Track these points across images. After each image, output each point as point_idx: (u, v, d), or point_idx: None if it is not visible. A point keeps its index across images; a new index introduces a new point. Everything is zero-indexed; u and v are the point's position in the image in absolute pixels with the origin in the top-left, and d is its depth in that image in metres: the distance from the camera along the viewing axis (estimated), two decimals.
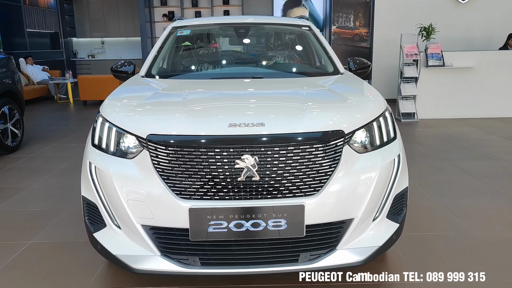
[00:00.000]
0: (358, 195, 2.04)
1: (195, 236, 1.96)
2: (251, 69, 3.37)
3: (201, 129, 2.01)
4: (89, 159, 2.16)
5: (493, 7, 8.58)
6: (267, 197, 1.97)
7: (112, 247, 2.11)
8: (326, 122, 2.06)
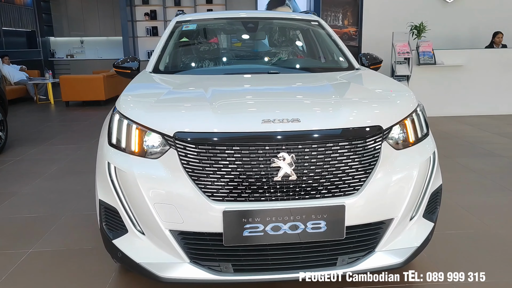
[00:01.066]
0: (398, 194, 1.94)
1: (230, 241, 1.82)
2: (264, 64, 3.24)
3: (232, 126, 1.87)
4: (108, 159, 1.99)
5: (478, 7, 8.68)
6: (305, 198, 1.85)
7: (135, 254, 1.95)
8: (364, 117, 1.96)
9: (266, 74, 2.80)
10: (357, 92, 2.37)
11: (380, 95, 2.23)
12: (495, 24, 8.56)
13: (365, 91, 2.36)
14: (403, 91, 2.30)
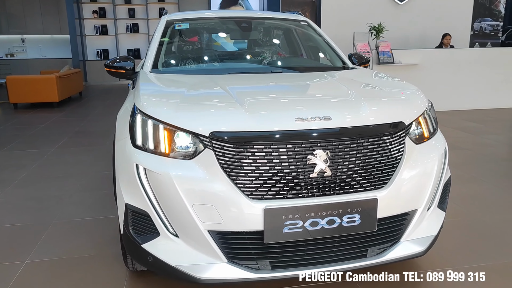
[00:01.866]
0: (421, 186, 2.06)
1: (270, 238, 1.84)
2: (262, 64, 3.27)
3: (267, 125, 1.88)
4: (136, 162, 1.92)
5: (427, 9, 9.22)
6: (339, 193, 1.90)
7: (169, 257, 1.90)
8: (388, 113, 2.05)
9: (270, 73, 2.83)
10: (374, 90, 2.45)
11: (395, 92, 2.34)
12: (443, 26, 9.15)
13: (380, 89, 2.45)
14: (413, 89, 2.42)
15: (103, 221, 3.24)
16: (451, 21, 9.26)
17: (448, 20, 9.24)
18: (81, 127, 6.86)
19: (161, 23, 3.24)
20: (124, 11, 13.93)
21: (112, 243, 2.86)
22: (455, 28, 9.20)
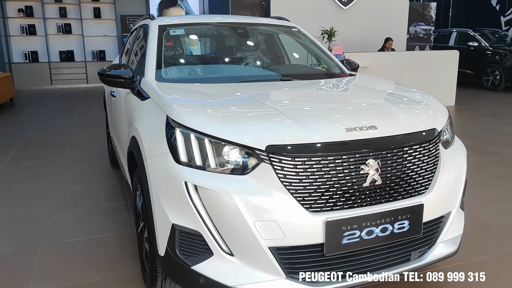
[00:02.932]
0: (455, 188, 2.16)
1: (331, 251, 1.82)
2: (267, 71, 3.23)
3: (319, 136, 1.86)
4: (185, 179, 1.81)
5: (368, 14, 9.68)
6: (389, 200, 1.94)
7: (225, 278, 1.81)
8: (422, 121, 2.12)
9: (280, 81, 2.80)
10: (398, 98, 2.50)
11: (419, 101, 2.42)
12: (382, 30, 9.66)
13: (402, 97, 2.50)
14: (431, 97, 2.49)
15: (97, 241, 3.02)
16: (390, 25, 9.80)
17: (387, 24, 9.77)
18: (27, 138, 6.31)
19: (152, 29, 3.06)
20: (54, 10, 13.02)
21: (118, 265, 2.68)
22: (393, 32, 9.75)
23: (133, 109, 2.59)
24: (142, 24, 3.61)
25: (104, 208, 3.63)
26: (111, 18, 13.68)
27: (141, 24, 3.69)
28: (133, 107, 2.61)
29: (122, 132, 3.02)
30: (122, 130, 3.06)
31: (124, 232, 3.15)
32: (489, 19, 14.73)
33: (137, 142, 2.25)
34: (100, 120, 7.80)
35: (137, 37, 3.61)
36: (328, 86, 2.76)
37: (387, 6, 9.75)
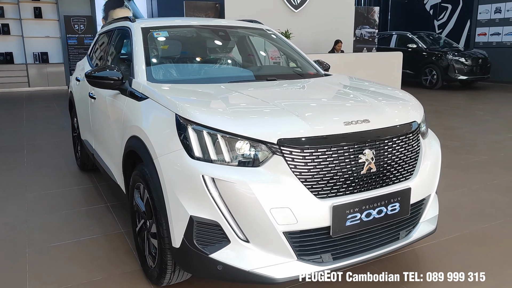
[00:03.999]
0: (433, 173, 2.43)
1: (336, 232, 2.01)
2: (251, 72, 3.37)
3: (321, 129, 2.05)
4: (202, 173, 1.93)
5: (318, 17, 10.12)
6: (382, 186, 2.17)
7: (242, 263, 1.95)
8: (405, 115, 2.37)
9: (266, 81, 2.97)
10: (380, 95, 2.69)
11: (398, 97, 2.66)
12: (331, 33, 10.14)
13: (383, 94, 2.73)
14: (407, 93, 2.75)
15: (86, 243, 3.01)
16: (338, 28, 10.31)
17: (336, 27, 10.27)
18: None
19: (136, 31, 3.09)
20: None
21: (115, 264, 2.71)
22: (341, 34, 10.26)
23: (128, 110, 2.64)
24: (118, 26, 3.63)
25: (84, 211, 3.60)
26: (54, 19, 13.18)
27: (116, 26, 3.70)
28: (128, 108, 2.65)
29: (110, 133, 3.04)
30: (109, 132, 3.08)
31: (112, 233, 3.16)
32: (424, 23, 15.85)
33: (141, 141, 2.32)
34: (55, 124, 7.58)
35: (114, 40, 3.62)
36: (313, 85, 2.97)
37: (335, 10, 10.24)
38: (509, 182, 4.27)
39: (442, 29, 15.40)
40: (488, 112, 8.40)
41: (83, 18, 13.36)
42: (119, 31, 3.58)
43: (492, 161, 4.99)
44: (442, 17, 15.41)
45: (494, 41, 13.42)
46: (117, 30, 3.64)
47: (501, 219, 3.34)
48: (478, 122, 7.43)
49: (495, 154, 5.27)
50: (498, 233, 3.12)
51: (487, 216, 3.41)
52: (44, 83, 13.07)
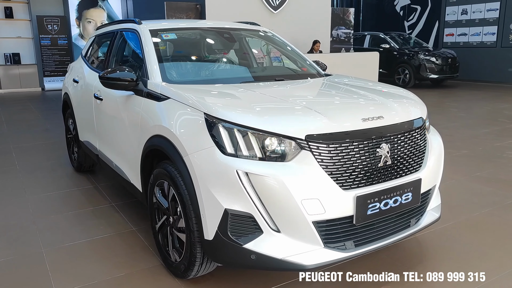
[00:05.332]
0: (438, 165, 2.63)
1: (359, 220, 2.17)
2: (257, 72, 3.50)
3: (344, 126, 2.21)
4: (236, 168, 2.04)
5: (297, 18, 10.31)
6: (397, 177, 2.35)
7: (275, 252, 2.07)
8: (413, 112, 2.56)
9: (275, 81, 3.10)
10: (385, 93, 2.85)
11: (403, 95, 2.85)
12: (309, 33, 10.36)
13: (387, 92, 2.91)
14: (409, 92, 2.96)
15: (100, 242, 3.06)
16: (315, 29, 10.54)
17: (313, 28, 10.50)
18: None
19: (144, 33, 3.16)
20: None
21: (134, 260, 2.78)
22: (319, 35, 10.51)
23: (147, 110, 2.71)
24: (121, 28, 3.68)
25: (90, 211, 3.63)
26: (26, 19, 12.88)
27: (118, 28, 3.76)
28: (146, 109, 2.73)
29: (122, 133, 3.10)
30: (121, 132, 3.14)
31: (124, 231, 3.22)
32: (395, 24, 16.39)
33: (167, 139, 2.41)
34: (38, 126, 7.47)
35: (118, 42, 3.67)
36: (321, 84, 3.13)
37: (312, 11, 10.47)
38: (490, 173, 4.57)
39: (412, 30, 15.97)
40: (461, 109, 8.83)
41: (57, 18, 13.11)
42: (123, 33, 3.63)
43: (473, 155, 5.31)
44: (412, 18, 15.98)
45: (461, 41, 14.05)
46: (120, 32, 3.69)
47: (489, 208, 3.60)
48: (454, 118, 7.82)
49: (474, 149, 5.60)
50: (488, 220, 3.37)
51: (476, 205, 3.67)
52: (16, 85, 12.74)
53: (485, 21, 13.36)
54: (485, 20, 13.37)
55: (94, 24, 13.42)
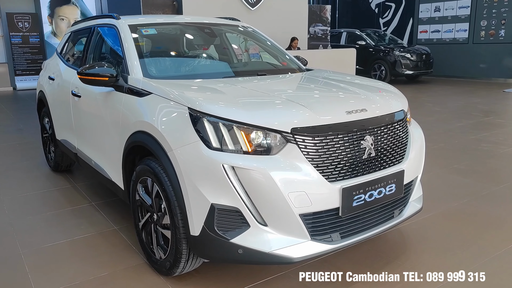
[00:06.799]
0: (420, 156, 2.67)
1: (345, 213, 2.19)
2: (238, 67, 3.47)
3: (328, 119, 2.21)
4: (222, 162, 2.02)
5: (274, 15, 10.33)
6: (380, 169, 2.37)
7: (262, 245, 2.06)
8: (395, 104, 2.58)
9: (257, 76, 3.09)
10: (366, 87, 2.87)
11: (385, 88, 2.88)
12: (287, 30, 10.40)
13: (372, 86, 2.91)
14: (390, 85, 3.00)
15: (81, 242, 3.00)
16: (293, 26, 10.59)
17: (291, 25, 10.54)
18: None
19: (123, 28, 3.09)
20: None
21: (117, 259, 2.73)
22: (296, 32, 10.56)
23: (128, 106, 2.66)
24: (98, 24, 3.61)
25: (70, 211, 3.55)
26: None
27: (95, 24, 3.68)
28: (127, 104, 2.68)
29: (102, 130, 3.04)
30: (101, 129, 3.07)
31: (105, 231, 3.16)
32: (370, 21, 16.61)
33: (150, 135, 2.37)
34: (10, 126, 7.26)
35: (95, 38, 3.59)
36: (303, 79, 3.13)
37: (289, 8, 10.51)
38: (467, 165, 4.67)
39: (387, 27, 16.21)
40: (436, 104, 9.02)
41: (28, 16, 12.75)
42: (100, 28, 3.56)
43: (449, 148, 5.43)
44: (387, 15, 16.23)
45: (435, 38, 14.34)
46: (97, 27, 3.61)
47: (467, 198, 3.68)
48: (429, 113, 7.97)
49: (450, 142, 5.72)
50: (466, 210, 3.45)
51: (455, 196, 3.75)
52: None
53: (457, 18, 13.67)
54: (457, 17, 13.69)
55: (67, 21, 13.12)
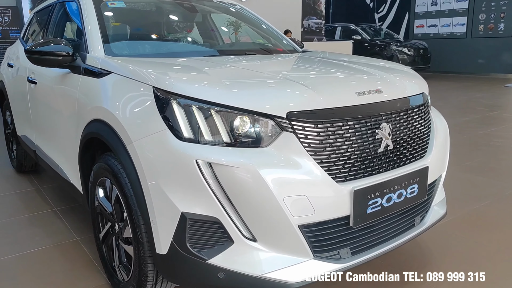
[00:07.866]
0: (445, 150, 2.18)
1: (357, 222, 1.68)
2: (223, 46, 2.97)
3: (335, 101, 1.71)
4: (195, 157, 1.51)
5: (266, 7, 9.83)
6: (400, 165, 1.87)
7: (249, 267, 1.56)
8: (414, 87, 2.09)
9: (245, 55, 2.59)
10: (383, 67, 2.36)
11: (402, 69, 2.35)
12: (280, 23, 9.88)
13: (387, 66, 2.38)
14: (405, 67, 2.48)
15: (33, 256, 2.49)
16: (286, 18, 10.09)
17: (284, 17, 10.03)
18: None
19: (85, 2, 2.58)
20: None
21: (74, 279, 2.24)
22: (290, 25, 10.05)
23: (84, 90, 2.15)
24: None
25: (26, 218, 3.03)
26: None
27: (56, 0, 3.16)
28: (83, 88, 2.17)
29: (58, 122, 2.52)
30: (57, 120, 2.55)
31: (64, 242, 2.64)
32: (365, 15, 16.16)
33: (107, 124, 1.86)
34: None
35: (56, 15, 3.07)
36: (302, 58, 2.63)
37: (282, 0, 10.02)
38: (480, 162, 4.22)
39: (382, 22, 15.77)
40: (438, 99, 8.56)
41: (7, 9, 12.10)
42: (61, 5, 3.04)
43: (458, 144, 4.95)
44: (382, 9, 15.79)
45: (432, 33, 13.91)
46: (58, 4, 3.09)
47: (488, 200, 3.21)
48: None
49: (458, 137, 5.26)
50: (489, 214, 2.98)
51: (473, 198, 3.28)
52: None
53: (455, 12, 13.25)
54: (454, 11, 13.27)
55: None
